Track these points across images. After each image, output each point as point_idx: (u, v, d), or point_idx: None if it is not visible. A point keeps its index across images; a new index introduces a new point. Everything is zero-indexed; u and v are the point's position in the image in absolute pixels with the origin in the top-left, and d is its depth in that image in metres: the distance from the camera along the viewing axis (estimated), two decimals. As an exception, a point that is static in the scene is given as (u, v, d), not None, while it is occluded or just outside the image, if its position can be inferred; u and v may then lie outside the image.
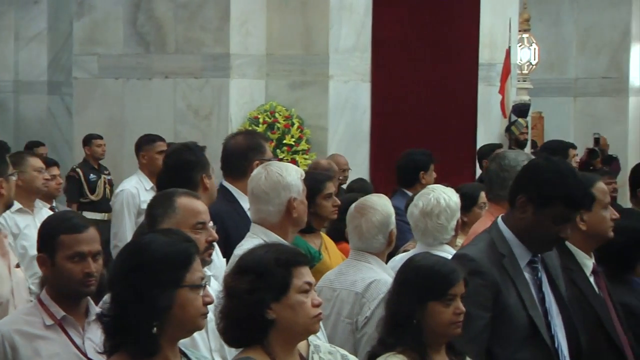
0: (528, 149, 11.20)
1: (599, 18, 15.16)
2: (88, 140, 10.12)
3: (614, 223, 4.10)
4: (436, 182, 6.93)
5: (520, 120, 11.19)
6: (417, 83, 10.39)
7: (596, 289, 4.05)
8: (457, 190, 6.11)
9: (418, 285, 3.34)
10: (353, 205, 4.58)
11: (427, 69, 10.43)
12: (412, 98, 10.38)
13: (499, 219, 3.75)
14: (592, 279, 4.05)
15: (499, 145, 8.58)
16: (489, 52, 11.00)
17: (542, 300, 3.69)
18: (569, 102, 15.55)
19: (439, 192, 4.77)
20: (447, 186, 5.04)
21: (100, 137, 10.04)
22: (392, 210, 4.53)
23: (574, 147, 7.55)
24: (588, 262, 4.06)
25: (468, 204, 6.01)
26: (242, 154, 5.00)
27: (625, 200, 8.84)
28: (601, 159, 11.68)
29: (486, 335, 3.56)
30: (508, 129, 11.16)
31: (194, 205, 3.81)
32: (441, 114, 10.50)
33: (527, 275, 3.68)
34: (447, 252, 4.44)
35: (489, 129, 11.04)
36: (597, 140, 13.05)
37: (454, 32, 10.60)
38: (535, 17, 14.76)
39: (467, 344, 3.48)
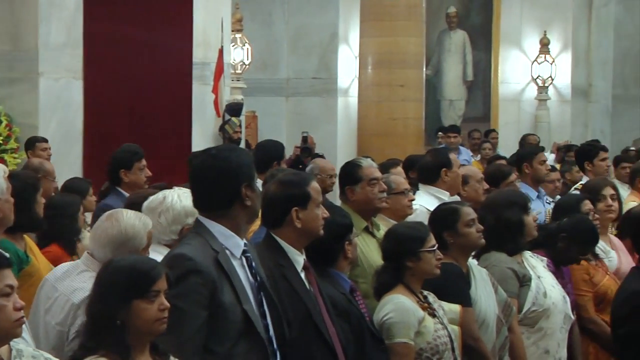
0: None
1: (308, 20, 15.59)
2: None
3: (321, 220, 4.24)
4: (153, 180, 6.94)
5: (233, 119, 11.37)
6: (131, 80, 10.33)
7: (307, 284, 4.16)
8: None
9: (120, 284, 3.29)
10: (105, 214, 4.35)
11: (141, 66, 10.39)
12: (126, 96, 10.31)
13: (203, 218, 3.77)
14: (303, 275, 4.16)
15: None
16: (202, 51, 11.09)
17: (259, 288, 3.75)
18: (281, 101, 15.90)
19: (173, 192, 4.65)
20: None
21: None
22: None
23: (282, 158, 7.79)
24: (299, 259, 4.16)
25: None
26: None
27: (334, 197, 9.17)
28: (310, 158, 12.05)
29: (203, 333, 3.56)
30: (222, 128, 11.30)
31: None
32: (156, 112, 10.49)
33: (241, 269, 3.73)
34: (160, 253, 4.32)
35: (204, 127, 11.13)
36: (305, 139, 13.46)
37: (168, 30, 10.62)
38: (248, 17, 15.00)
39: (184, 343, 3.48)
